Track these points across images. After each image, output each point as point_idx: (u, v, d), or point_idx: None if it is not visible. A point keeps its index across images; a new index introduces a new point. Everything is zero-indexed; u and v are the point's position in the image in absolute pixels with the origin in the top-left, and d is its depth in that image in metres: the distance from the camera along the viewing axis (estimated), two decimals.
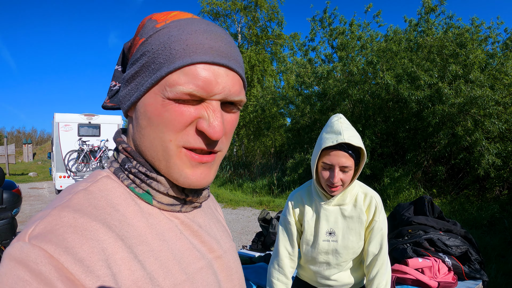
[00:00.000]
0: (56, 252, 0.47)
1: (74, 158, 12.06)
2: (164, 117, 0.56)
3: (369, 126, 10.16)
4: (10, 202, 4.27)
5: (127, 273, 0.53)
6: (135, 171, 0.62)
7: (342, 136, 1.55)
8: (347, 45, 11.50)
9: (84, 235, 0.51)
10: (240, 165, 16.25)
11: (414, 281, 2.40)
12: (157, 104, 0.57)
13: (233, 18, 20.63)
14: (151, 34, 0.59)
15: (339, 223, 1.74)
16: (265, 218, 3.77)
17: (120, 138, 0.67)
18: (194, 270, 0.63)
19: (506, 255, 5.36)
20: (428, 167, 9.61)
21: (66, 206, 0.54)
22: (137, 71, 0.60)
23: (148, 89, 0.58)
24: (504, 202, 7.66)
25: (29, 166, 28.43)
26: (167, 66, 0.55)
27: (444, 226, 2.89)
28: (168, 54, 0.55)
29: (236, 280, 0.76)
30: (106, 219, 0.56)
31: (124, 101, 0.63)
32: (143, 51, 0.59)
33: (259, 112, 16.17)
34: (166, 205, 0.64)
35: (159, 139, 0.58)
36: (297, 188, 1.91)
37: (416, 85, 8.76)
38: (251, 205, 10.55)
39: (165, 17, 0.60)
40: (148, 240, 0.59)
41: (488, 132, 8.03)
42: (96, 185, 0.60)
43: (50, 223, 0.50)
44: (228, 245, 0.78)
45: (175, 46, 0.55)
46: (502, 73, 8.68)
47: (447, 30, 9.88)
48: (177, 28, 0.57)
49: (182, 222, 0.67)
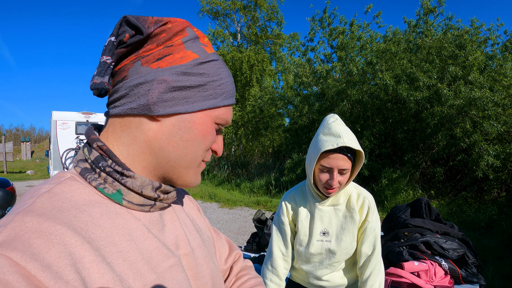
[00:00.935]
0: (23, 260, 0.46)
1: (71, 156, 12.03)
2: (206, 138, 0.69)
3: (367, 126, 10.15)
4: (4, 200, 4.23)
5: (97, 277, 0.52)
6: (110, 170, 0.62)
7: (342, 140, 1.53)
8: (347, 45, 11.48)
9: (50, 240, 0.50)
10: (238, 165, 16.23)
11: (409, 285, 2.36)
12: (206, 126, 0.68)
13: (232, 18, 20.63)
14: (207, 60, 0.67)
15: (333, 223, 1.73)
16: (260, 219, 3.74)
17: (94, 135, 0.66)
18: (163, 269, 0.64)
19: (504, 258, 5.34)
20: (426, 169, 9.60)
21: (30, 210, 0.53)
22: (192, 86, 0.64)
23: (202, 110, 0.66)
24: (502, 204, 7.65)
25: (27, 164, 28.39)
26: (222, 100, 0.69)
27: (441, 228, 2.85)
28: (225, 91, 0.69)
29: (207, 277, 0.76)
30: (71, 221, 0.54)
31: (162, 106, 0.63)
32: (202, 72, 0.65)
33: (258, 112, 16.16)
34: (136, 205, 0.65)
35: (195, 153, 0.68)
36: (291, 189, 1.90)
37: (415, 86, 8.75)
38: (248, 205, 10.52)
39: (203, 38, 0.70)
40: (116, 241, 0.58)
41: (486, 133, 8.01)
42: (60, 187, 0.59)
43: (14, 229, 0.49)
44: (198, 241, 0.79)
45: (227, 87, 0.70)
46: (501, 75, 8.66)
47: (446, 32, 9.85)
48: (224, 68, 0.71)
49: (149, 220, 0.67)
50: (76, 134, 12.32)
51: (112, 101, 0.65)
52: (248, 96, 18.32)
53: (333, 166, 1.56)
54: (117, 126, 0.65)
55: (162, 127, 0.64)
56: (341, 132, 1.55)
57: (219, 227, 7.91)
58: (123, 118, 0.65)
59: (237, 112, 18.51)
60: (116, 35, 0.63)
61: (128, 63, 0.64)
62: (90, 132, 0.68)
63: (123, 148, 0.65)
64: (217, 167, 16.14)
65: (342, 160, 1.55)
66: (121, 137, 0.65)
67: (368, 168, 9.56)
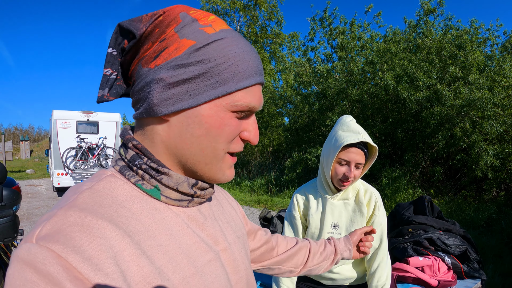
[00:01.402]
0: (64, 252, 0.47)
1: (72, 155, 11.99)
2: (223, 130, 0.63)
3: (367, 126, 10.19)
4: (10, 199, 4.26)
5: (136, 269, 0.54)
6: (146, 167, 0.63)
7: (362, 136, 1.66)
8: (347, 45, 11.51)
9: (91, 233, 0.51)
10: (238, 164, 16.24)
11: (414, 279, 2.43)
12: (218, 117, 0.61)
13: (232, 17, 20.64)
14: (207, 43, 0.59)
15: (343, 217, 1.82)
16: (265, 217, 3.79)
17: (129, 135, 0.68)
18: (202, 263, 0.64)
19: (503, 256, 5.40)
20: (426, 168, 9.65)
21: (72, 205, 0.55)
22: (191, 77, 0.59)
23: (209, 101, 0.61)
24: (501, 203, 7.70)
25: (26, 163, 28.32)
26: (234, 83, 0.60)
27: (444, 225, 2.91)
28: (235, 72, 0.60)
29: (243, 272, 0.77)
30: (112, 216, 0.56)
31: (165, 105, 0.60)
32: (200, 58, 0.59)
33: (257, 112, 16.16)
34: (174, 200, 0.65)
35: (213, 148, 0.63)
36: (302, 185, 2.00)
37: (415, 86, 8.79)
38: (249, 204, 10.56)
39: (205, 18, 0.62)
40: (156, 235, 0.59)
41: (486, 134, 8.07)
42: (101, 184, 0.61)
43: (57, 223, 0.51)
44: (234, 236, 0.79)
45: (241, 65, 0.61)
46: (501, 75, 8.72)
47: (446, 32, 9.90)
48: (236, 45, 0.61)
49: (188, 216, 0.68)
50: (76, 133, 12.25)
51: (133, 105, 0.67)
52: None
53: (351, 159, 1.68)
54: (138, 129, 0.67)
55: (172, 127, 0.62)
56: (359, 129, 1.70)
57: None
58: (141, 121, 0.66)
59: None
60: (114, 45, 0.63)
61: (134, 68, 0.64)
62: (125, 132, 0.69)
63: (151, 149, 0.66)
64: None
65: (360, 155, 1.68)
66: (144, 140, 0.66)
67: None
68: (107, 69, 0.64)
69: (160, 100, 0.60)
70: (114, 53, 0.64)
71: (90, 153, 12.29)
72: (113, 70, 0.64)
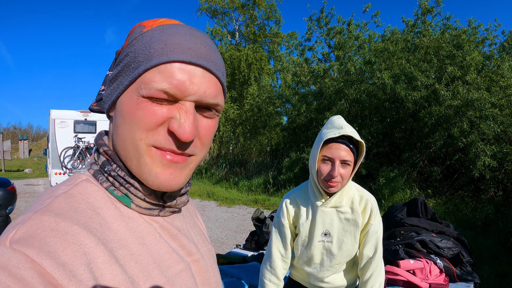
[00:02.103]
0: (39, 257, 0.46)
1: (69, 155, 12.01)
2: (136, 115, 0.56)
3: (365, 125, 10.18)
4: (5, 200, 4.25)
5: (109, 277, 0.53)
6: (114, 175, 0.62)
7: (344, 130, 1.56)
8: (345, 44, 11.49)
9: (66, 239, 0.51)
10: (236, 163, 16.26)
11: (405, 282, 2.40)
12: (132, 102, 0.57)
13: (231, 16, 20.62)
14: (136, 37, 0.60)
15: (335, 225, 1.73)
16: (258, 218, 3.78)
17: (101, 140, 0.67)
18: (173, 273, 0.63)
19: (500, 256, 5.39)
20: (423, 168, 9.64)
21: (47, 210, 0.54)
22: (119, 71, 0.60)
23: (126, 88, 0.58)
24: (498, 203, 7.69)
25: (25, 162, 28.32)
26: (144, 64, 0.56)
27: (437, 227, 2.89)
28: (147, 53, 0.56)
29: (213, 284, 0.76)
30: (87, 222, 0.55)
31: (106, 101, 0.64)
32: (126, 52, 0.60)
33: (256, 111, 16.18)
34: (144, 209, 0.64)
35: (131, 137, 0.57)
36: (293, 189, 1.90)
37: (413, 86, 8.78)
38: (246, 204, 10.56)
39: (152, 23, 0.62)
40: (128, 244, 0.59)
41: (483, 134, 8.05)
42: (76, 188, 0.60)
43: (32, 227, 0.50)
44: (206, 249, 0.79)
45: (154, 46, 0.56)
46: (499, 75, 8.70)
47: (444, 31, 9.89)
48: (159, 31, 0.58)
49: (161, 226, 0.67)
50: (74, 133, 12.28)
51: None
52: (246, 95, 18.33)
53: (335, 156, 1.58)
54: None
55: (112, 122, 0.64)
56: (343, 125, 1.59)
57: (217, 225, 7.94)
58: None
59: (235, 111, 18.52)
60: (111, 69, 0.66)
61: None
62: (98, 137, 0.69)
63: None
64: (215, 166, 16.16)
65: (344, 150, 1.58)
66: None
67: (365, 167, 9.60)
68: (101, 87, 0.68)
69: (105, 97, 0.64)
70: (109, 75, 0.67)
71: (87, 152, 12.31)
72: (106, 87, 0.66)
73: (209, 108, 0.62)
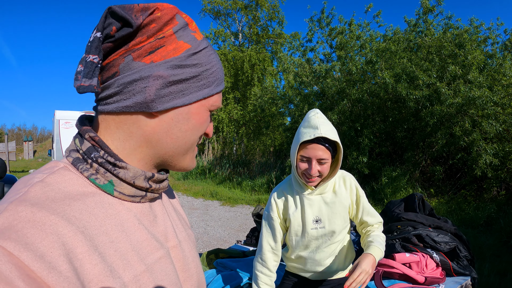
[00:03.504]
0: (16, 249, 0.46)
1: None
2: (203, 126, 0.72)
3: (367, 125, 10.18)
4: None
5: (89, 267, 0.53)
6: (102, 161, 0.62)
7: (319, 131, 1.64)
8: (346, 44, 11.49)
9: (43, 230, 0.50)
10: (240, 164, 16.27)
11: (401, 275, 2.44)
12: (203, 114, 0.70)
13: (234, 17, 20.68)
14: (200, 49, 0.67)
15: (323, 210, 1.83)
16: (259, 214, 3.82)
17: (86, 126, 0.66)
18: (152, 260, 0.64)
19: (501, 255, 5.39)
20: (426, 167, 9.64)
21: (23, 200, 0.52)
22: (187, 78, 0.64)
23: (197, 100, 0.68)
24: (501, 202, 7.68)
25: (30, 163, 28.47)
26: (215, 88, 0.70)
27: (434, 222, 2.92)
28: (217, 78, 0.70)
29: (193, 269, 0.78)
30: (65, 211, 0.54)
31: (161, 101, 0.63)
32: (195, 62, 0.65)
33: (259, 112, 16.20)
34: (127, 196, 0.65)
35: (192, 140, 0.71)
36: (279, 184, 2.00)
37: (414, 85, 8.78)
38: (249, 203, 10.59)
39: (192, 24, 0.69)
40: (108, 230, 0.59)
41: (485, 132, 8.05)
42: (53, 177, 0.59)
43: (7, 218, 0.49)
44: (185, 234, 0.80)
45: (218, 73, 0.71)
46: (501, 74, 8.69)
47: (446, 31, 9.88)
48: (215, 56, 0.71)
49: (141, 211, 0.68)
50: None
51: (103, 98, 0.63)
52: (249, 96, 18.36)
53: (311, 156, 1.68)
54: (111, 123, 0.65)
55: (161, 122, 0.64)
56: (319, 124, 1.67)
57: (220, 224, 7.98)
58: (118, 115, 0.64)
59: (238, 111, 18.57)
60: (102, 30, 0.58)
61: (117, 57, 0.60)
62: (81, 122, 0.68)
63: (118, 143, 0.65)
64: (219, 166, 16.18)
65: (320, 150, 1.67)
66: (115, 133, 0.65)
67: (368, 166, 9.60)
68: (94, 56, 0.57)
69: (158, 96, 0.62)
70: (101, 39, 0.58)
71: None
72: (100, 57, 0.58)
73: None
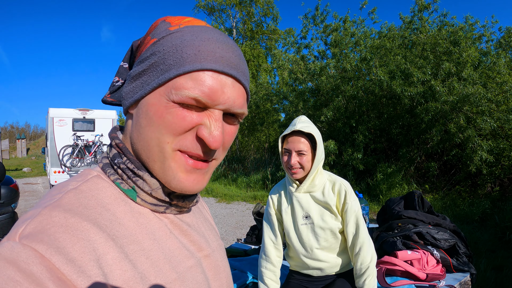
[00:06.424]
0: (48, 252, 0.47)
1: (68, 153, 12.01)
2: (165, 119, 0.57)
3: (362, 122, 10.23)
4: (8, 197, 4.32)
5: (119, 273, 0.53)
6: (124, 167, 0.62)
7: (296, 126, 1.86)
8: (341, 41, 11.51)
9: (75, 235, 0.51)
10: (234, 160, 16.29)
11: (403, 272, 2.47)
12: (161, 105, 0.57)
13: (228, 13, 20.65)
14: (163, 36, 0.59)
15: (312, 207, 1.96)
16: (259, 212, 3.83)
17: (114, 134, 0.68)
18: (184, 268, 0.64)
19: (496, 250, 5.45)
20: (420, 163, 9.71)
21: (57, 205, 0.54)
22: (144, 69, 0.60)
23: (153, 89, 0.58)
24: (495, 198, 7.77)
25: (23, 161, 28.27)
26: (176, 68, 0.56)
27: (433, 220, 2.95)
28: (179, 57, 0.56)
29: (224, 279, 0.77)
30: (96, 218, 0.55)
31: (127, 98, 0.63)
32: (153, 51, 0.59)
33: (253, 108, 16.21)
34: (149, 204, 0.64)
35: (157, 139, 0.58)
36: (277, 183, 2.17)
37: (409, 82, 8.83)
38: (245, 200, 10.61)
39: (179, 21, 0.61)
40: (139, 239, 0.59)
41: (480, 129, 8.12)
42: (87, 184, 0.60)
43: (41, 222, 0.50)
44: (216, 244, 0.79)
45: (186, 50, 0.56)
46: (495, 72, 8.76)
47: (441, 28, 9.93)
48: (190, 34, 0.58)
49: (172, 222, 0.68)
50: (73, 131, 12.26)
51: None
52: None
53: (290, 148, 1.89)
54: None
55: (133, 120, 0.63)
56: (297, 122, 1.89)
57: (216, 221, 7.99)
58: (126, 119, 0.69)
59: None
60: (127, 60, 0.71)
61: None
62: (112, 131, 0.70)
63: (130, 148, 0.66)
64: None
65: (298, 142, 1.87)
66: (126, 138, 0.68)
67: (363, 162, 9.66)
68: (115, 78, 0.72)
69: (126, 94, 0.63)
70: (125, 66, 0.71)
71: (86, 150, 12.32)
72: (121, 79, 0.71)
73: (234, 115, 0.63)
